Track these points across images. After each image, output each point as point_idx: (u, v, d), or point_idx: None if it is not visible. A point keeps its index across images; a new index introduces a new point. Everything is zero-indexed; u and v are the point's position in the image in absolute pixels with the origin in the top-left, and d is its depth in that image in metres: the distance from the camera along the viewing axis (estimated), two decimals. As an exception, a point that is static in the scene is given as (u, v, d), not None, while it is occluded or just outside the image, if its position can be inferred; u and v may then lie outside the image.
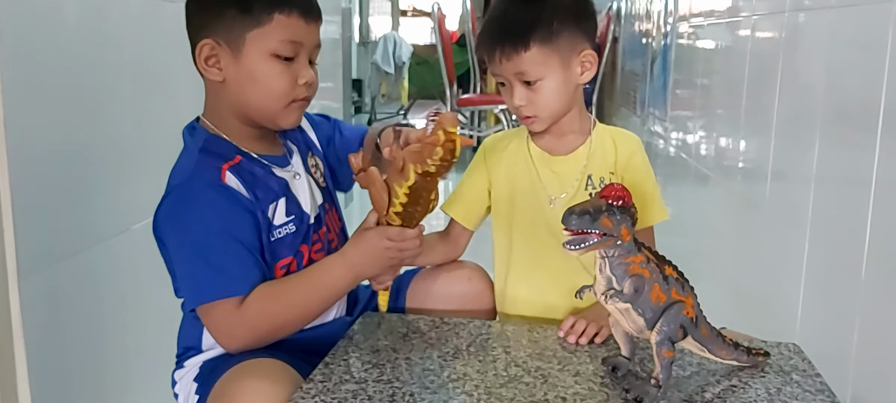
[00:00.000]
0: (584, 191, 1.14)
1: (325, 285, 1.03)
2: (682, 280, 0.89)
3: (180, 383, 1.05)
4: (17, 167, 1.05)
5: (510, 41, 1.07)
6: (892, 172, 1.07)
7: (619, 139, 1.17)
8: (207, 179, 0.99)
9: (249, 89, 1.01)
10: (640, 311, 0.85)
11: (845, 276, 1.19)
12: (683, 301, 0.87)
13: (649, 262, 0.86)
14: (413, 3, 8.64)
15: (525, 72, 1.08)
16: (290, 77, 1.01)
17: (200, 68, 1.03)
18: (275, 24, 0.98)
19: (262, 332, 1.00)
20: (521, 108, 1.11)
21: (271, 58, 0.99)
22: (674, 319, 0.86)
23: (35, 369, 1.09)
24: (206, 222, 0.98)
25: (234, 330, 0.99)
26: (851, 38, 1.26)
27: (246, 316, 0.97)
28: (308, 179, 1.11)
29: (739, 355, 0.96)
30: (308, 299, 1.03)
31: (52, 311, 1.14)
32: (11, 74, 1.03)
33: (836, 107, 1.29)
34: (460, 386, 0.91)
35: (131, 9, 1.38)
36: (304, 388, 0.90)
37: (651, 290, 0.85)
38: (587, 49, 1.11)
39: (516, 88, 1.10)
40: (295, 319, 1.02)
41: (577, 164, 1.16)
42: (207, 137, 1.04)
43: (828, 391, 0.94)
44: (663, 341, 0.85)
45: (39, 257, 1.10)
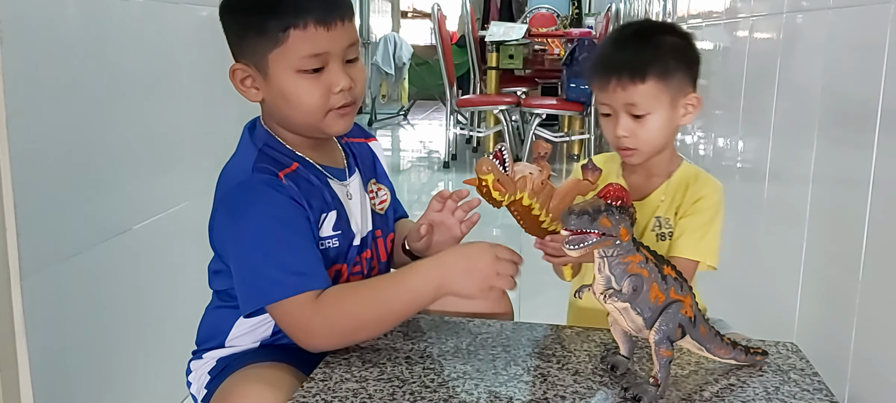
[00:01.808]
0: (651, 232, 1.18)
1: (409, 287, 0.96)
2: (680, 280, 0.89)
3: (195, 372, 1.05)
4: (20, 166, 1.05)
5: (628, 72, 1.10)
6: (890, 172, 1.08)
7: (695, 184, 1.18)
8: (266, 179, 0.96)
9: (285, 107, 0.99)
10: (639, 310, 0.86)
11: (843, 276, 1.20)
12: (682, 300, 0.88)
13: (648, 262, 0.86)
14: (413, 5, 8.65)
15: (636, 104, 1.11)
16: (322, 89, 0.97)
17: (238, 90, 1.01)
18: (292, 40, 0.94)
19: (341, 330, 0.95)
20: (622, 139, 1.13)
21: (297, 74, 0.96)
22: (672, 318, 0.86)
23: (37, 367, 1.10)
24: (269, 218, 0.94)
25: (312, 326, 0.94)
26: (849, 39, 1.27)
27: (324, 313, 0.93)
28: (363, 201, 1.09)
29: (738, 354, 0.97)
30: (390, 297, 0.96)
31: (54, 310, 1.15)
32: (14, 75, 1.04)
33: (833, 108, 1.30)
34: (460, 385, 0.92)
35: (133, 10, 1.38)
36: (305, 387, 0.91)
37: (649, 290, 0.86)
38: (692, 92, 1.15)
39: (622, 119, 1.12)
40: (375, 319, 0.96)
41: (652, 206, 1.19)
42: (268, 139, 1.02)
43: (826, 390, 0.94)
44: (661, 340, 0.86)
45: (42, 256, 1.11)
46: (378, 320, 0.97)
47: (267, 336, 1.06)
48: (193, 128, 1.61)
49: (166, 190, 1.49)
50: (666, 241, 1.18)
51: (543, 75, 5.77)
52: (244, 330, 1.05)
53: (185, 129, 1.58)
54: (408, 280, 0.97)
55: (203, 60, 1.66)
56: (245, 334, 1.05)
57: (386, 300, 0.96)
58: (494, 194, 0.94)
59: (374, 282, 0.99)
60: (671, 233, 1.18)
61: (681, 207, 1.18)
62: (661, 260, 0.89)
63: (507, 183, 0.94)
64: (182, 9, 1.56)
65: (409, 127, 6.82)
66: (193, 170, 1.58)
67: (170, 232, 1.48)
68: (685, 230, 1.15)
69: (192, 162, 1.58)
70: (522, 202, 0.97)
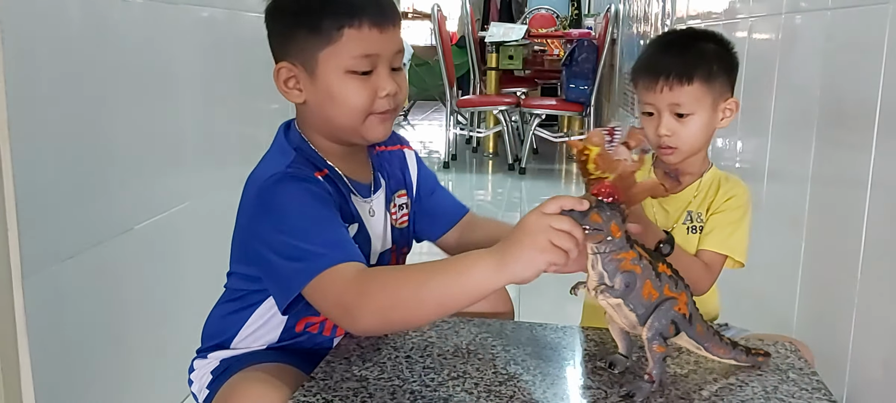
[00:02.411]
0: (682, 225, 1.21)
1: (462, 270, 0.86)
2: (676, 277, 0.90)
3: (198, 371, 1.05)
4: (22, 166, 1.06)
5: (676, 72, 1.14)
6: (888, 172, 1.08)
7: (726, 184, 1.22)
8: (302, 174, 0.96)
9: (329, 108, 0.98)
10: (632, 307, 0.87)
11: (841, 275, 1.20)
12: (676, 297, 0.88)
13: (641, 259, 0.87)
14: (413, 5, 8.65)
15: (680, 104, 1.15)
16: (369, 91, 0.96)
17: (281, 91, 1.00)
18: (346, 39, 0.94)
19: (384, 309, 0.88)
20: (664, 138, 1.17)
21: (347, 75, 0.95)
22: (665, 315, 0.87)
23: (39, 367, 1.10)
24: (307, 200, 0.93)
25: (353, 301, 0.87)
26: (847, 39, 1.28)
27: (367, 287, 0.87)
28: (385, 219, 1.08)
29: (737, 354, 0.97)
30: (441, 279, 0.87)
31: (55, 310, 1.15)
32: (16, 75, 1.04)
33: (832, 108, 1.30)
34: (460, 384, 0.92)
35: (134, 11, 1.39)
36: (306, 386, 0.91)
37: (643, 286, 0.86)
38: (731, 97, 1.19)
39: (665, 118, 1.16)
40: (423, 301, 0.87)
41: (684, 202, 1.22)
42: (301, 143, 1.02)
43: (824, 389, 0.95)
44: (654, 336, 0.87)
45: (43, 256, 1.11)
46: (427, 302, 0.87)
47: (274, 340, 1.06)
48: (194, 129, 1.61)
49: (167, 190, 1.50)
50: (696, 235, 1.22)
51: (543, 76, 5.78)
52: (253, 332, 1.05)
53: (187, 130, 1.58)
54: (463, 262, 0.87)
55: (204, 61, 1.67)
56: (253, 335, 1.05)
57: (438, 283, 0.87)
58: (590, 166, 0.94)
59: (425, 264, 0.90)
60: (702, 228, 1.21)
61: (713, 204, 1.21)
62: (656, 258, 0.89)
63: (606, 161, 0.94)
64: (183, 10, 1.56)
65: (409, 127, 6.83)
66: (194, 171, 1.58)
67: (171, 232, 1.48)
68: (716, 225, 1.19)
69: (194, 162, 1.59)
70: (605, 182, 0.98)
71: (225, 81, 1.79)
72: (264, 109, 2.10)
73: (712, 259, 1.19)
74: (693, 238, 1.21)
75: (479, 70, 5.31)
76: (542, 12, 6.35)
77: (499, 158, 5.11)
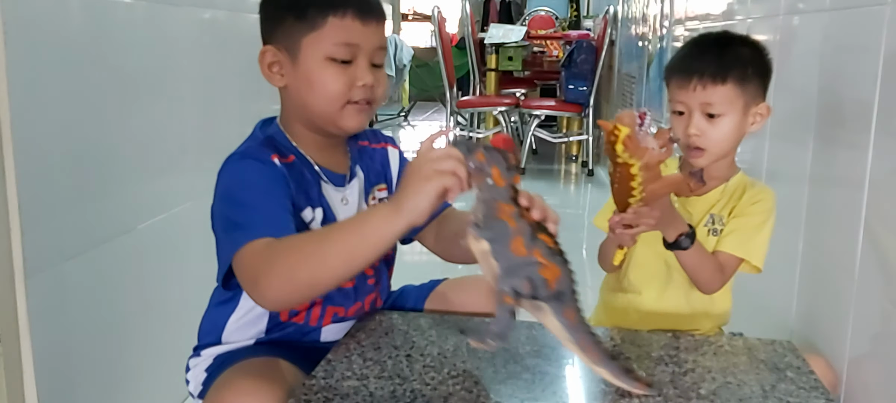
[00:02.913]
0: (704, 227, 1.22)
1: (362, 220, 0.90)
2: (556, 252, 0.86)
3: (193, 370, 1.06)
4: (24, 166, 1.06)
5: (710, 72, 1.14)
6: (885, 172, 1.09)
7: (751, 189, 1.23)
8: (255, 153, 0.99)
9: (307, 93, 1.01)
10: (497, 258, 0.85)
11: (839, 275, 1.21)
12: (545, 265, 0.85)
13: (521, 218, 0.85)
14: (413, 7, 8.66)
15: (712, 104, 1.15)
16: (347, 79, 0.99)
17: (264, 74, 1.03)
18: (329, 27, 0.98)
19: (290, 269, 0.87)
20: (694, 138, 1.16)
21: (327, 61, 0.99)
22: (523, 270, 0.84)
23: (41, 366, 1.11)
24: (247, 181, 0.96)
25: (260, 268, 0.88)
26: (845, 41, 1.28)
27: (273, 252, 0.88)
28: (360, 209, 1.09)
29: (613, 368, 0.90)
30: (343, 233, 0.89)
31: (58, 309, 1.16)
32: (18, 76, 1.05)
33: (830, 109, 1.31)
34: (460, 383, 0.93)
35: (136, 12, 1.40)
36: (307, 384, 0.92)
37: (513, 241, 0.84)
38: (763, 102, 1.19)
39: (696, 118, 1.16)
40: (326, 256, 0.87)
41: (707, 205, 1.23)
42: (276, 132, 1.05)
43: (822, 388, 0.95)
44: (508, 287, 0.84)
45: (46, 255, 1.12)
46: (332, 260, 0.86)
47: (262, 332, 1.06)
48: (196, 129, 1.62)
49: (169, 190, 1.50)
50: (716, 237, 1.22)
51: (542, 77, 5.79)
52: (238, 326, 1.06)
53: (188, 130, 1.59)
54: (364, 216, 0.92)
55: (205, 62, 1.67)
56: (239, 330, 1.06)
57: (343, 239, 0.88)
58: (618, 147, 0.95)
59: (329, 226, 0.96)
60: (721, 230, 1.22)
61: (737, 207, 1.22)
62: (541, 228, 0.86)
63: (634, 144, 0.95)
64: (184, 11, 1.57)
65: (409, 128, 6.83)
66: (196, 171, 1.59)
67: (173, 231, 1.49)
68: (737, 228, 1.20)
69: (195, 162, 1.59)
70: (631, 170, 0.98)
71: (226, 82, 1.79)
72: (265, 110, 2.10)
73: (727, 260, 1.19)
74: (712, 240, 1.21)
75: (478, 71, 5.31)
76: (542, 14, 6.35)
77: (498, 159, 5.10)
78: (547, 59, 5.86)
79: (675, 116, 1.20)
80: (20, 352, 1.09)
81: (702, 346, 1.07)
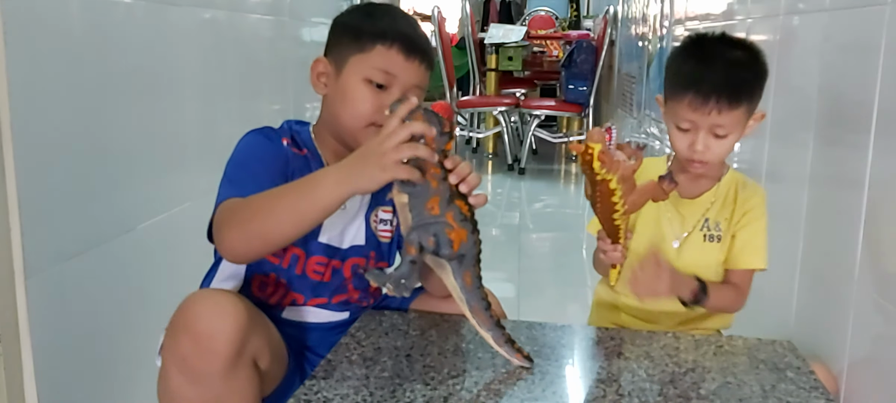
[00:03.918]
0: (699, 232, 1.22)
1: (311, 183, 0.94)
2: (467, 218, 0.93)
3: None
4: (24, 166, 1.06)
5: (727, 98, 1.12)
6: (886, 173, 1.09)
7: (743, 189, 1.23)
8: (267, 133, 1.09)
9: (340, 105, 1.08)
10: (411, 211, 0.91)
11: (839, 275, 1.21)
12: (454, 227, 0.92)
13: (444, 181, 0.91)
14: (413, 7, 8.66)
15: (723, 126, 1.13)
16: (377, 103, 1.05)
17: (312, 81, 1.12)
18: (375, 53, 1.06)
19: (244, 221, 0.95)
20: (700, 154, 1.15)
21: (364, 82, 1.06)
22: (431, 228, 0.91)
23: (41, 366, 1.11)
24: (247, 150, 1.06)
25: (224, 221, 0.96)
26: (845, 40, 1.28)
27: (237, 208, 0.96)
28: (357, 219, 1.13)
29: (496, 334, 0.98)
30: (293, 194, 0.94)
31: (58, 309, 1.16)
32: (18, 76, 1.05)
33: (829, 109, 1.31)
34: (460, 383, 0.93)
35: (136, 12, 1.40)
36: (307, 384, 0.92)
37: (429, 199, 0.91)
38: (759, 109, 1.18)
39: (702, 136, 1.14)
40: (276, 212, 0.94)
41: (701, 208, 1.23)
42: (302, 130, 1.13)
43: (821, 387, 0.95)
44: (412, 238, 0.91)
45: (46, 255, 1.12)
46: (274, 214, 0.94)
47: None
48: (196, 129, 1.62)
49: (169, 190, 1.50)
50: (713, 243, 1.22)
51: (542, 77, 5.79)
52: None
53: (189, 130, 1.59)
54: (310, 178, 0.96)
55: (206, 61, 1.67)
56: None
57: (286, 194, 0.95)
58: (595, 164, 0.96)
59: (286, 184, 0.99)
60: (719, 237, 1.22)
61: (734, 214, 1.22)
62: (460, 195, 0.93)
63: (609, 159, 0.97)
64: (184, 11, 1.57)
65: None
66: (196, 170, 1.59)
67: (173, 231, 1.49)
68: (743, 243, 1.21)
69: (196, 162, 1.59)
70: (610, 185, 0.99)
71: (226, 82, 1.79)
72: (266, 110, 2.11)
73: (742, 277, 1.21)
74: (709, 247, 1.22)
75: (478, 71, 5.31)
76: (542, 14, 6.35)
77: (498, 159, 5.12)
78: (547, 58, 5.86)
79: (677, 131, 1.17)
80: (20, 352, 1.09)
81: (702, 346, 1.08)
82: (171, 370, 0.93)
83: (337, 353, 1.01)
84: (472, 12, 5.34)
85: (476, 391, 0.91)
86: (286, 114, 2.26)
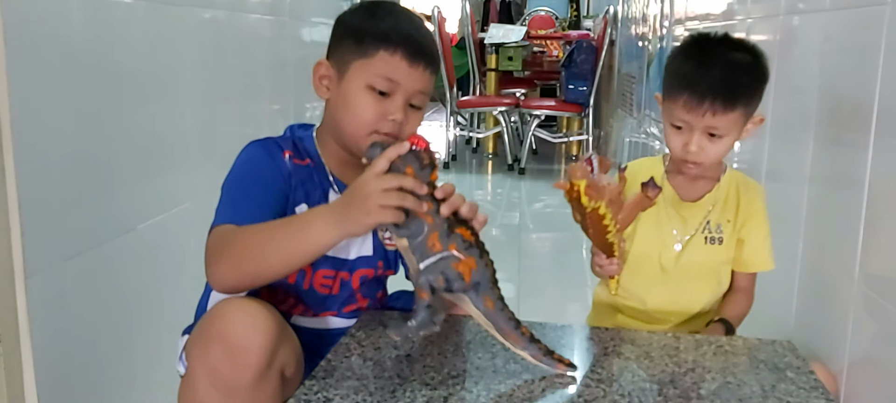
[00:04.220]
0: (701, 234, 1.22)
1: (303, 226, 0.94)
2: (472, 244, 0.91)
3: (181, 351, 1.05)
4: (24, 166, 1.06)
5: (722, 100, 1.11)
6: (885, 172, 1.09)
7: (744, 190, 1.23)
8: (269, 147, 1.06)
9: (342, 111, 1.06)
10: (414, 253, 0.90)
11: (839, 275, 1.21)
12: (461, 259, 0.90)
13: (438, 214, 0.89)
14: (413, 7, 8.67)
15: (718, 128, 1.13)
16: (379, 110, 1.03)
17: (314, 84, 1.09)
18: (378, 58, 1.03)
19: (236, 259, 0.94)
20: (694, 154, 1.14)
21: (366, 88, 1.03)
22: (438, 266, 0.90)
23: (41, 367, 1.11)
24: (247, 168, 1.04)
25: (215, 252, 0.96)
26: (845, 40, 1.28)
27: (226, 240, 0.95)
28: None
29: (533, 350, 0.95)
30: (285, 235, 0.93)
31: (58, 309, 1.16)
32: (18, 76, 1.05)
33: (829, 109, 1.31)
34: (460, 383, 0.93)
35: (137, 12, 1.40)
36: (307, 384, 0.92)
37: (428, 236, 0.89)
38: (758, 112, 1.17)
39: (697, 137, 1.14)
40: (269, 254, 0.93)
41: (703, 210, 1.23)
42: (306, 136, 1.11)
43: (821, 388, 0.95)
44: (422, 283, 0.90)
45: (46, 255, 1.12)
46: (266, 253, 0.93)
47: None
48: (196, 129, 1.62)
49: (170, 190, 1.50)
50: (715, 245, 1.22)
51: (542, 77, 5.79)
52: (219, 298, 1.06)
53: (188, 130, 1.59)
54: (302, 219, 0.96)
55: (206, 62, 1.67)
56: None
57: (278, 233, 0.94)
58: (584, 199, 0.96)
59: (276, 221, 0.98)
60: (721, 239, 1.22)
61: (738, 216, 1.22)
62: (459, 221, 0.91)
63: (596, 189, 0.97)
64: (184, 11, 1.57)
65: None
66: (196, 171, 1.59)
67: (173, 231, 1.49)
68: (757, 247, 1.22)
69: (196, 162, 1.60)
70: (599, 211, 0.99)
71: (226, 82, 1.79)
72: (266, 110, 2.11)
73: (751, 280, 1.24)
74: (713, 248, 1.22)
75: (478, 71, 5.31)
76: (542, 14, 6.35)
77: (498, 159, 5.12)
78: (547, 58, 5.86)
79: (672, 129, 1.17)
80: (20, 352, 1.09)
81: (702, 346, 1.08)
82: (199, 379, 0.92)
83: (337, 353, 1.01)
84: (472, 12, 5.34)
85: (476, 391, 0.91)
86: (286, 114, 2.27)
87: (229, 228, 0.97)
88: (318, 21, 2.45)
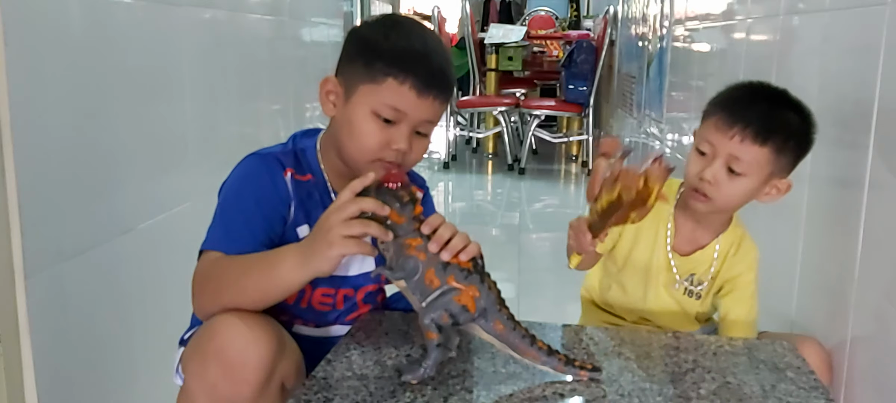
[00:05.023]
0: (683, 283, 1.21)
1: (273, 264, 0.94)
2: (470, 271, 0.89)
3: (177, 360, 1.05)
4: (24, 166, 1.06)
5: (754, 130, 1.08)
6: (885, 172, 1.09)
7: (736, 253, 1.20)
8: (268, 163, 1.03)
9: (345, 134, 1.03)
10: (413, 292, 0.89)
11: (839, 275, 1.21)
12: (461, 289, 0.88)
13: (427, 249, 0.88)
14: (413, 7, 8.66)
15: (741, 161, 1.09)
16: (383, 138, 1.00)
17: (320, 99, 1.06)
18: (386, 86, 0.99)
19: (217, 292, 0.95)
20: (705, 184, 1.11)
21: (372, 114, 1.00)
22: (440, 303, 0.88)
23: (41, 366, 1.11)
24: (245, 187, 1.01)
25: (199, 282, 0.97)
26: (845, 41, 1.28)
27: (212, 272, 0.95)
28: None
29: (552, 361, 0.93)
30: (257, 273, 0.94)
31: (58, 309, 1.16)
32: (18, 76, 1.05)
33: (829, 109, 1.31)
34: (460, 383, 0.93)
35: (136, 12, 1.40)
36: (307, 384, 0.92)
37: (425, 273, 0.88)
38: (786, 178, 1.13)
39: (716, 165, 1.10)
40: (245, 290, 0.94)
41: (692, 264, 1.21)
42: (308, 147, 1.08)
43: (821, 387, 0.95)
44: (428, 323, 0.89)
45: (46, 255, 1.12)
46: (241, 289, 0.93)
47: None
48: (196, 129, 1.62)
49: (170, 190, 1.50)
50: (691, 299, 1.22)
51: (542, 77, 5.79)
52: None
53: (188, 130, 1.59)
54: (272, 257, 0.94)
55: (205, 62, 1.67)
56: None
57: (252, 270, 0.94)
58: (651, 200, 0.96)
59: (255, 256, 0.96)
60: (699, 295, 1.22)
61: (719, 275, 1.21)
62: None
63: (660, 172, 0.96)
64: (184, 11, 1.57)
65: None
66: (196, 171, 1.59)
67: (173, 231, 1.49)
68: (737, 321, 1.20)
69: (195, 162, 1.60)
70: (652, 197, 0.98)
71: (226, 82, 1.79)
72: (265, 110, 2.11)
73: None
74: (686, 300, 1.22)
75: (478, 71, 5.31)
76: (542, 14, 6.35)
77: (498, 159, 5.12)
78: (547, 58, 5.86)
79: (695, 153, 1.14)
80: (20, 352, 1.09)
81: (702, 346, 1.08)
82: (197, 395, 0.91)
83: (337, 353, 1.01)
84: (472, 12, 5.34)
85: (476, 391, 0.91)
86: (286, 115, 2.27)
87: (215, 257, 0.96)
88: (318, 21, 2.45)
